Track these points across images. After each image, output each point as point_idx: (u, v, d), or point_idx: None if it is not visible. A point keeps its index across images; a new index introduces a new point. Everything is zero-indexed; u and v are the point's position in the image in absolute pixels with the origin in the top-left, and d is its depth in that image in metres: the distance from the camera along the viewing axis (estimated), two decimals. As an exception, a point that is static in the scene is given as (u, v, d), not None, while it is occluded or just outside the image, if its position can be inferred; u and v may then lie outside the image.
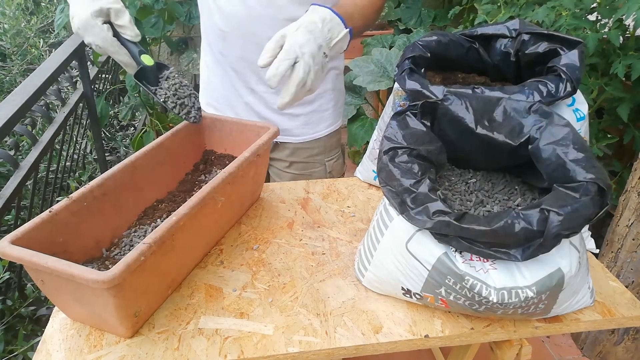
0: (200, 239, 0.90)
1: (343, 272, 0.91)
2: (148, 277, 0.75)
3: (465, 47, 0.98)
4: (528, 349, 0.86)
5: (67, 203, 0.80)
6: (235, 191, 0.96)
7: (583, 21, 1.44)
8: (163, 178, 1.01)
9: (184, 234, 0.80)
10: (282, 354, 0.75)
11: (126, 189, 0.91)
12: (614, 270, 1.62)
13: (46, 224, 0.76)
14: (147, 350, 0.75)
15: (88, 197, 0.83)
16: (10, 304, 1.36)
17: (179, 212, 0.76)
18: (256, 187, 1.08)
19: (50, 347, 0.75)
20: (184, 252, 0.85)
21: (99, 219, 0.86)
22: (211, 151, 1.13)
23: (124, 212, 0.92)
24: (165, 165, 1.01)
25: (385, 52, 2.15)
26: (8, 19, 2.59)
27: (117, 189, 0.89)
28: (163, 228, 0.72)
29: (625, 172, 1.75)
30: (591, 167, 0.71)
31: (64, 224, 0.79)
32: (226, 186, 0.88)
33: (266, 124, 1.03)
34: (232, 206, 0.98)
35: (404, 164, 0.76)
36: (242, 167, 0.90)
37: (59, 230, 0.78)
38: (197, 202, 0.79)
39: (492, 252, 0.69)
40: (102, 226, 0.87)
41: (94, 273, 0.63)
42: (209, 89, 1.29)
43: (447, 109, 0.82)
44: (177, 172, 1.06)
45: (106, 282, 0.63)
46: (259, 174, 1.05)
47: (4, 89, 2.38)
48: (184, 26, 3.06)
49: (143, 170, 0.94)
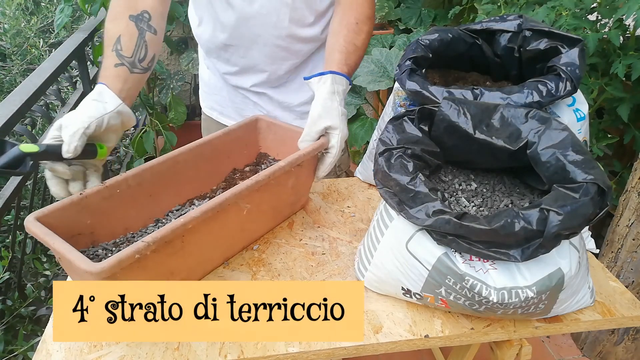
0: (220, 242, 0.89)
1: (343, 272, 0.91)
2: (151, 273, 0.75)
3: (468, 43, 0.98)
4: (528, 349, 0.86)
5: (100, 188, 0.83)
6: (267, 200, 0.93)
7: (583, 21, 1.44)
8: (208, 175, 1.02)
9: (196, 236, 0.80)
10: (282, 354, 0.75)
11: (164, 182, 0.93)
12: (614, 270, 1.62)
13: (75, 206, 0.80)
14: (147, 350, 0.75)
15: (122, 185, 0.86)
16: (10, 304, 1.36)
17: (189, 214, 0.75)
18: (298, 197, 1.05)
19: (50, 347, 0.75)
20: (197, 253, 0.84)
21: (131, 207, 0.88)
22: (265, 154, 1.12)
23: (160, 203, 0.94)
24: (211, 162, 1.01)
25: (385, 52, 2.15)
26: (8, 19, 2.58)
27: (155, 180, 0.91)
28: (167, 229, 0.72)
29: (625, 172, 1.75)
30: (591, 168, 0.71)
31: (93, 207, 0.82)
32: (253, 194, 0.85)
33: None
34: (264, 214, 0.96)
35: (399, 164, 0.76)
36: (274, 176, 0.87)
37: (88, 212, 0.81)
38: (212, 207, 0.77)
39: (491, 252, 0.69)
40: (134, 214, 0.89)
41: (86, 263, 0.66)
42: (210, 93, 1.29)
43: (445, 115, 0.82)
44: (224, 170, 1.06)
45: (94, 274, 0.65)
46: (301, 184, 1.02)
47: (4, 89, 2.37)
48: (184, 26, 3.06)
49: (186, 165, 0.95)
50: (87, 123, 0.79)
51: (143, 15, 0.93)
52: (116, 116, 0.83)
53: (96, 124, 0.80)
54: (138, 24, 0.92)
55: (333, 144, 0.95)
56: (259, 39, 1.09)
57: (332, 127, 0.95)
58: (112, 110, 0.82)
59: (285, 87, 1.20)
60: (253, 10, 1.05)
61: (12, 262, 1.40)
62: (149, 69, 0.94)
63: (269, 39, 1.09)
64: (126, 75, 0.89)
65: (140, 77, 0.92)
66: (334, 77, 0.98)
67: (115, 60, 0.88)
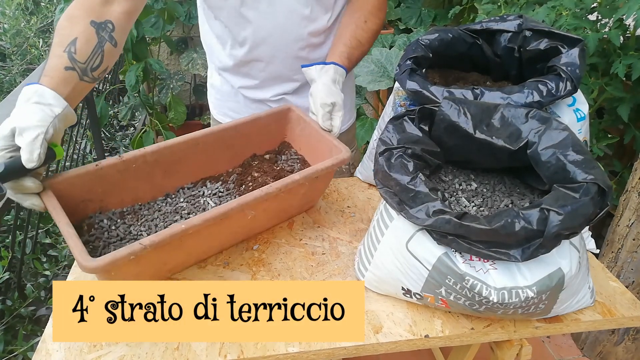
0: (219, 240, 0.90)
1: (343, 272, 0.91)
2: (144, 266, 0.77)
3: (468, 43, 0.98)
4: (528, 349, 0.86)
5: (116, 161, 0.85)
6: (275, 206, 0.94)
7: (583, 21, 1.44)
8: (226, 157, 1.03)
9: (195, 237, 0.80)
10: (282, 354, 0.75)
11: (181, 161, 0.94)
12: (614, 270, 1.62)
13: (89, 175, 0.84)
14: (147, 350, 0.75)
15: (139, 160, 0.88)
16: (10, 304, 1.36)
17: (190, 221, 0.75)
18: (308, 201, 1.05)
19: (50, 347, 0.75)
20: (195, 250, 0.86)
21: (144, 180, 0.90)
22: (288, 144, 1.11)
23: (173, 179, 0.96)
24: (232, 146, 1.02)
25: (385, 51, 2.15)
26: (8, 19, 2.58)
27: (172, 159, 0.93)
28: (166, 234, 0.72)
29: (625, 172, 1.75)
30: (591, 168, 0.71)
31: (107, 178, 0.85)
32: (261, 203, 0.85)
33: (341, 146, 0.94)
34: (269, 216, 0.97)
35: (400, 163, 0.76)
36: (285, 189, 0.86)
37: (101, 182, 0.84)
38: (215, 216, 0.77)
39: (491, 252, 0.69)
40: (147, 187, 0.92)
41: (82, 256, 0.68)
42: (223, 100, 1.26)
43: (445, 115, 0.82)
44: (244, 154, 1.06)
45: (88, 269, 0.68)
46: (313, 191, 1.02)
47: (4, 89, 2.37)
48: (184, 26, 3.06)
49: (205, 146, 0.97)
50: (45, 128, 0.73)
51: (107, 24, 0.88)
52: (63, 118, 0.78)
53: (52, 127, 0.74)
54: (99, 31, 0.87)
55: (336, 124, 0.98)
56: (279, 53, 1.09)
57: (337, 106, 0.98)
58: (60, 113, 0.77)
59: (304, 89, 1.20)
60: (272, 25, 1.05)
61: (12, 262, 1.40)
62: (97, 80, 0.88)
63: (289, 52, 1.09)
64: (75, 82, 0.83)
65: (86, 86, 0.86)
66: (336, 68, 1.01)
67: (66, 63, 0.82)
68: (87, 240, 0.84)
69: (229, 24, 1.06)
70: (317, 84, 0.99)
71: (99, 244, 0.83)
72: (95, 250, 0.82)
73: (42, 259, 1.56)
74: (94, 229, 0.86)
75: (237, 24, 1.05)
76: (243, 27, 1.05)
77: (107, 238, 0.85)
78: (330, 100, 0.97)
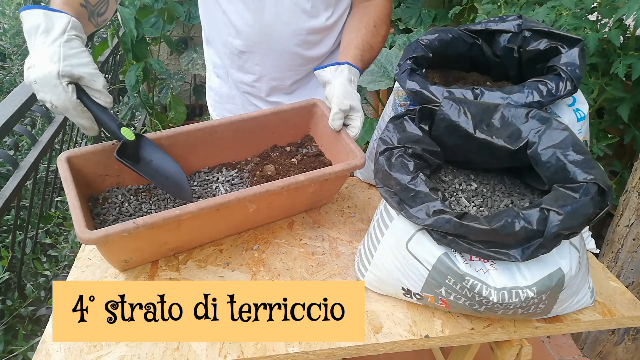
0: (222, 227, 0.93)
1: (343, 272, 0.91)
2: (143, 243, 0.81)
3: (468, 43, 0.98)
4: (528, 349, 0.86)
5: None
6: (281, 202, 0.94)
7: (583, 21, 1.44)
8: (245, 147, 1.04)
9: (194, 221, 0.83)
10: (282, 354, 0.75)
11: (197, 147, 0.97)
12: (614, 270, 1.62)
13: (105, 152, 0.87)
14: (147, 350, 0.75)
15: (154, 142, 0.90)
16: (10, 304, 1.36)
17: (185, 208, 0.78)
18: (319, 199, 1.05)
19: (50, 347, 0.75)
20: (195, 232, 0.88)
21: None
22: (311, 138, 1.10)
23: (191, 164, 0.99)
24: (252, 136, 1.03)
25: (385, 51, 2.15)
26: (8, 19, 2.58)
27: (188, 144, 0.95)
28: (159, 217, 0.76)
29: (625, 172, 1.75)
30: (591, 168, 0.71)
31: None
32: (262, 197, 0.86)
33: (357, 151, 0.94)
34: (275, 210, 0.98)
35: (400, 163, 0.76)
36: (287, 189, 0.87)
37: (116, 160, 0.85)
38: (210, 206, 0.79)
39: (491, 252, 0.69)
40: None
41: (80, 228, 0.73)
42: (221, 102, 1.28)
43: (445, 115, 0.82)
44: (264, 144, 1.07)
45: (84, 240, 0.72)
46: (325, 190, 1.02)
47: (4, 89, 2.37)
48: (184, 26, 3.06)
49: (222, 135, 0.98)
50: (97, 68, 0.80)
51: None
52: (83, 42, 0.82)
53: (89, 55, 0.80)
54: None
55: (357, 125, 0.98)
56: (276, 46, 1.09)
57: (356, 108, 0.98)
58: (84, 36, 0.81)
59: (300, 91, 1.20)
60: (271, 16, 1.05)
61: (12, 262, 1.40)
62: (97, 27, 0.92)
63: (286, 46, 1.09)
64: (84, 20, 0.84)
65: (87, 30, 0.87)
66: (350, 68, 1.01)
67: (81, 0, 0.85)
68: (99, 212, 0.88)
69: (227, 9, 1.07)
70: (333, 85, 0.98)
71: (109, 218, 0.88)
72: (104, 222, 0.87)
73: (42, 259, 1.55)
74: (107, 202, 0.90)
75: (237, 12, 1.06)
76: (242, 15, 1.06)
77: (117, 213, 0.89)
78: (347, 102, 0.96)
